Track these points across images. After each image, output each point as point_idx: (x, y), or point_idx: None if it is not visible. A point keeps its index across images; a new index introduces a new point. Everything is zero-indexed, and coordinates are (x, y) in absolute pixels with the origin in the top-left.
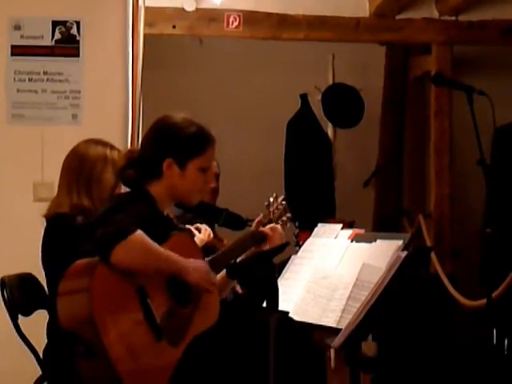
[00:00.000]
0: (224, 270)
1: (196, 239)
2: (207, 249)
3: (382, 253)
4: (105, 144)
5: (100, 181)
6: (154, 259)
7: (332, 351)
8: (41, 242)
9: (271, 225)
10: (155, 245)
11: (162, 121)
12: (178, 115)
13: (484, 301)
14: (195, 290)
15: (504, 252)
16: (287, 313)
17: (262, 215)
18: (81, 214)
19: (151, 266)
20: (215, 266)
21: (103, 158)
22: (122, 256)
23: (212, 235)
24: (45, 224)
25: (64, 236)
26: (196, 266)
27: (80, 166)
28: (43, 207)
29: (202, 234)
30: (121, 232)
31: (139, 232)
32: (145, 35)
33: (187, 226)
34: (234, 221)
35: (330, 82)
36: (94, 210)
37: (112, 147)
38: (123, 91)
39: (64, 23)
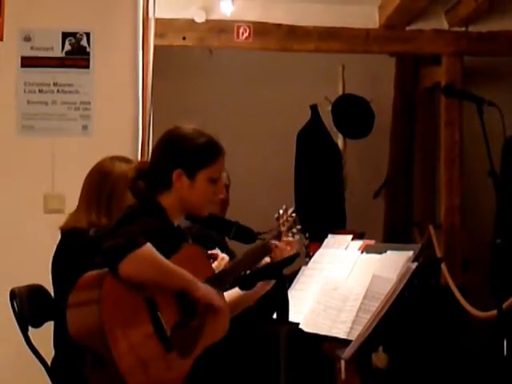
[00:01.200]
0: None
1: None
2: None
3: (393, 264)
4: (128, 161)
5: (120, 200)
6: (162, 273)
7: (342, 363)
8: (53, 254)
9: (284, 238)
10: (163, 259)
11: (172, 132)
12: (187, 126)
13: (494, 312)
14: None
15: None
16: (297, 324)
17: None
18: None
19: (159, 280)
20: (225, 279)
21: (125, 176)
22: (130, 269)
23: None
24: (59, 236)
25: (78, 251)
26: (204, 285)
27: (102, 184)
28: (54, 219)
29: (217, 262)
30: (129, 244)
31: (148, 245)
32: (155, 46)
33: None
34: (245, 234)
35: (340, 93)
36: None
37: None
38: (133, 102)
39: (74, 35)
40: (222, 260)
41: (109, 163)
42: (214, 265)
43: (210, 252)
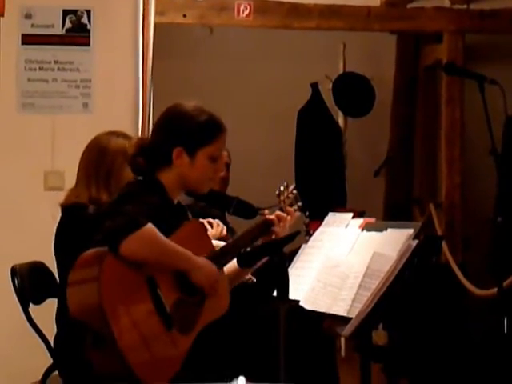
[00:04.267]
0: (235, 260)
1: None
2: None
3: (393, 242)
4: (125, 136)
5: (119, 175)
6: (163, 254)
7: (342, 340)
8: (55, 230)
9: (278, 212)
10: (165, 239)
11: (173, 109)
12: (188, 103)
13: (495, 290)
14: None
15: None
16: (297, 302)
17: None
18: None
19: (159, 260)
20: (226, 255)
21: (123, 151)
22: (130, 248)
23: (225, 231)
24: (59, 213)
25: (80, 226)
26: (204, 267)
27: (100, 159)
28: (54, 196)
29: (214, 229)
30: (131, 224)
31: (149, 225)
32: (155, 24)
33: (200, 220)
34: (245, 209)
35: (341, 71)
36: None
37: (132, 139)
38: (134, 80)
39: (75, 12)
40: (217, 226)
41: (105, 139)
42: (212, 231)
43: (206, 220)
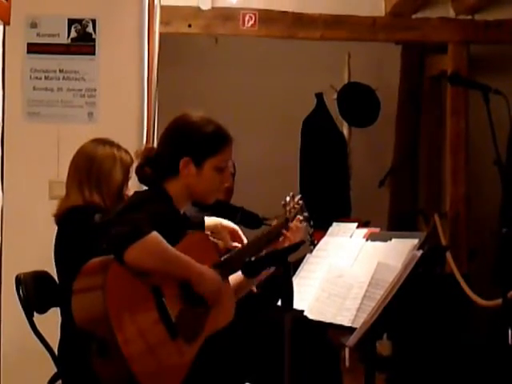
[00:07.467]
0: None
1: None
2: None
3: (398, 252)
4: (111, 143)
5: (109, 177)
6: (166, 262)
7: (347, 350)
8: (54, 240)
9: (290, 224)
10: (169, 247)
11: (180, 119)
12: (196, 114)
13: (499, 301)
14: None
15: None
16: (302, 311)
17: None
18: (94, 211)
19: (164, 269)
20: (231, 265)
21: (111, 156)
22: (135, 256)
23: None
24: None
25: (79, 229)
26: (205, 276)
27: (89, 165)
28: None
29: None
30: (136, 232)
31: (154, 233)
32: (161, 34)
33: None
34: (250, 219)
35: (346, 81)
36: (105, 207)
37: (119, 147)
38: (139, 89)
39: (80, 21)
40: None
41: (92, 146)
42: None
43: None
